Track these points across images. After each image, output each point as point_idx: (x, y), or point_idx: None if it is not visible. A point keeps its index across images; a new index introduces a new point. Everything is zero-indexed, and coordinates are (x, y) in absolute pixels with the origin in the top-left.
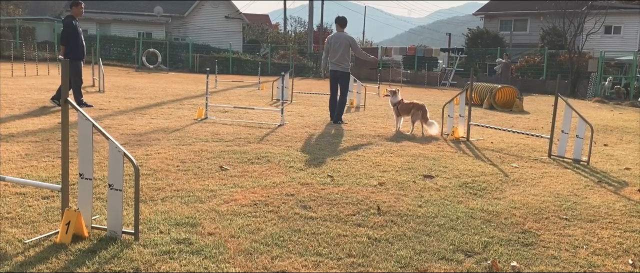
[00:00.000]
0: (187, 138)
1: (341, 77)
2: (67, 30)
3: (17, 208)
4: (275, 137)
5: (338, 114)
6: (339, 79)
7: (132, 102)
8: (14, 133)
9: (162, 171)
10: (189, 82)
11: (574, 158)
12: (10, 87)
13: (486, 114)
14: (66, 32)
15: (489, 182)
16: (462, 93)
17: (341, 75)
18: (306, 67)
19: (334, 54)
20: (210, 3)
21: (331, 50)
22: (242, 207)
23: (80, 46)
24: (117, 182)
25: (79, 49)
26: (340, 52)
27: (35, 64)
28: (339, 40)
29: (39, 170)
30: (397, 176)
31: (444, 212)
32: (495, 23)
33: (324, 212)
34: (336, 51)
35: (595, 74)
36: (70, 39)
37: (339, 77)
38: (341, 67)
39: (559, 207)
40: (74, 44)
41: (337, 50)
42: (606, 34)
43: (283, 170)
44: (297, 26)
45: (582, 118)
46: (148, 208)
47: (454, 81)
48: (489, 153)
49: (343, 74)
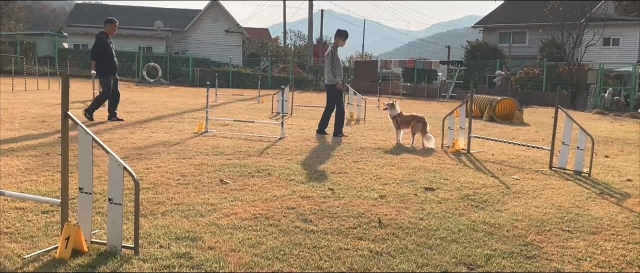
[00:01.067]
0: (187, 152)
1: (329, 89)
2: (98, 46)
3: (17, 223)
4: (276, 150)
5: (336, 127)
6: (329, 91)
7: (133, 115)
8: (14, 147)
9: (162, 185)
10: (189, 95)
11: (575, 169)
12: (11, 101)
13: (486, 126)
14: (97, 48)
15: (490, 194)
16: (462, 105)
17: (329, 87)
18: (306, 80)
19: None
20: (210, 17)
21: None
22: (243, 220)
23: (111, 62)
24: (117, 196)
25: (111, 64)
26: (326, 65)
27: (36, 78)
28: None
29: (38, 185)
30: (398, 189)
31: (445, 224)
32: (494, 35)
33: (325, 226)
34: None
35: (595, 85)
36: (100, 54)
37: (328, 89)
38: (328, 80)
39: (561, 219)
40: (106, 59)
41: (325, 63)
42: (605, 45)
43: (283, 183)
44: (296, 40)
45: (582, 129)
46: (148, 223)
47: (454, 93)
48: (490, 165)
49: (328, 86)
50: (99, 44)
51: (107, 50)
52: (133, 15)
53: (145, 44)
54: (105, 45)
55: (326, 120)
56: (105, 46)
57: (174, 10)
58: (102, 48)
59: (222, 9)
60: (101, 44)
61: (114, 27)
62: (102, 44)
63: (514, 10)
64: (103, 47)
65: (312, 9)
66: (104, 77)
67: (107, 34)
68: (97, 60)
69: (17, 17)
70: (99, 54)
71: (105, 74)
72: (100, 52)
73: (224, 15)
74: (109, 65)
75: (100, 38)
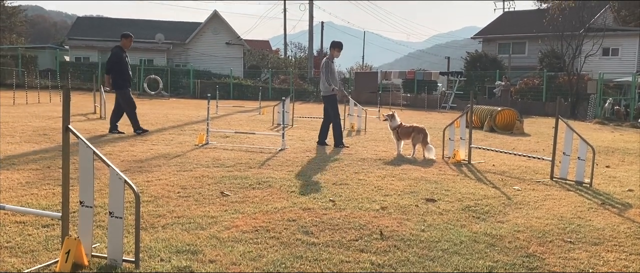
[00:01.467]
0: (188, 164)
1: (324, 100)
2: (113, 60)
3: (17, 237)
4: (277, 162)
5: (335, 138)
6: (325, 103)
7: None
8: (15, 161)
9: (163, 198)
10: (190, 107)
11: (576, 180)
12: (12, 115)
13: (487, 137)
14: (112, 62)
15: (491, 205)
16: (462, 116)
17: (324, 98)
18: (306, 92)
19: (320, 79)
20: (211, 30)
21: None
22: (244, 233)
23: (126, 75)
24: (117, 209)
25: (127, 78)
26: (322, 76)
27: (37, 91)
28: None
29: (39, 198)
30: (399, 200)
31: (447, 236)
32: (494, 46)
33: (326, 238)
34: (320, 76)
35: (595, 95)
36: (114, 67)
37: (323, 100)
38: (324, 91)
39: (563, 229)
40: (123, 73)
41: (320, 75)
42: (604, 55)
43: (284, 195)
44: (297, 51)
45: (583, 140)
46: (149, 236)
47: (454, 104)
48: (491, 176)
49: (325, 97)
50: (116, 58)
51: (124, 64)
52: (134, 28)
53: (147, 57)
54: (122, 59)
55: (325, 131)
56: (121, 60)
57: (175, 23)
58: (119, 61)
59: (223, 21)
60: (117, 57)
61: (129, 41)
62: (118, 57)
63: (513, 21)
64: (120, 61)
65: (312, 21)
66: (122, 91)
67: (122, 48)
68: (113, 74)
69: (18, 31)
70: (115, 68)
71: (122, 88)
72: (117, 66)
73: (224, 28)
74: (125, 78)
75: (116, 52)
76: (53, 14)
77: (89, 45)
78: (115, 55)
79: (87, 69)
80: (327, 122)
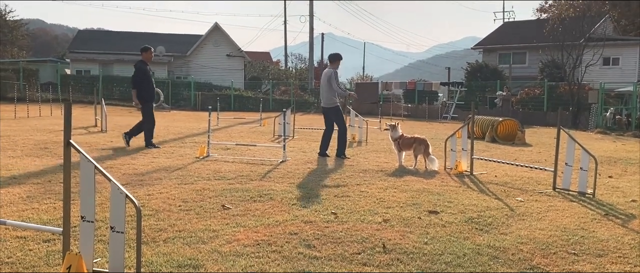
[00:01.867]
0: (189, 177)
1: (330, 112)
2: (140, 74)
3: (18, 253)
4: (278, 174)
5: (339, 148)
6: (329, 114)
7: (134, 141)
8: (15, 175)
9: (164, 211)
10: (191, 120)
11: (579, 190)
12: (13, 128)
13: (488, 147)
14: (139, 76)
15: (494, 216)
16: (464, 126)
17: (329, 110)
18: (307, 103)
19: (322, 90)
20: (212, 42)
21: (321, 87)
22: (245, 247)
23: (151, 89)
24: (119, 224)
25: (151, 92)
26: (324, 88)
27: (38, 105)
28: (323, 76)
29: (40, 213)
30: (401, 212)
31: (450, 248)
32: (494, 56)
33: (328, 251)
34: (322, 87)
35: (596, 105)
36: (142, 82)
37: (328, 112)
38: (327, 102)
39: (566, 241)
40: (147, 87)
41: (322, 86)
42: (605, 65)
43: (286, 207)
44: (297, 63)
45: (585, 150)
46: (150, 250)
47: (455, 114)
48: (493, 187)
49: (330, 109)
50: (141, 72)
51: (148, 78)
52: (136, 41)
53: None
54: (146, 72)
55: (327, 142)
56: (146, 74)
57: (175, 35)
58: (143, 76)
59: (224, 33)
60: (142, 71)
61: (150, 54)
62: (143, 71)
63: (513, 32)
64: (144, 75)
65: (312, 32)
66: (146, 104)
67: (145, 62)
68: (138, 88)
69: (20, 45)
70: (142, 82)
71: (147, 101)
72: (143, 81)
73: (225, 40)
74: (150, 92)
75: (140, 66)
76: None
77: (90, 58)
78: (141, 70)
79: (88, 82)
80: (328, 133)
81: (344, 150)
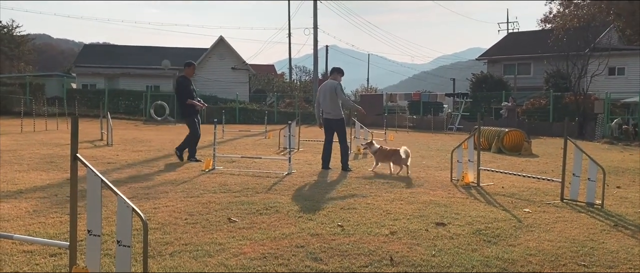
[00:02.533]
0: (194, 190)
1: (334, 124)
2: (187, 89)
3: (25, 267)
4: (284, 186)
5: (343, 162)
6: (333, 126)
7: (140, 154)
8: (22, 189)
9: (170, 225)
10: None
11: (587, 201)
12: (20, 142)
13: (495, 158)
14: (188, 90)
15: (502, 228)
16: (470, 137)
17: (334, 122)
18: (312, 115)
19: (324, 102)
20: (217, 55)
21: (321, 98)
22: (252, 260)
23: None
24: (125, 238)
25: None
26: (327, 100)
27: (45, 119)
28: (325, 88)
29: (46, 227)
30: (408, 224)
31: (458, 261)
32: (499, 67)
33: (335, 264)
34: (325, 99)
35: (602, 115)
36: (189, 96)
37: (332, 124)
38: (332, 114)
39: (576, 253)
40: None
41: (325, 97)
42: (610, 75)
43: (292, 220)
44: (302, 75)
45: (592, 160)
46: (156, 264)
47: (461, 125)
48: (501, 198)
49: (336, 121)
50: (185, 86)
51: (191, 92)
52: (141, 55)
53: (153, 83)
54: (189, 86)
55: (329, 155)
56: (189, 88)
57: (181, 49)
58: (188, 90)
59: (229, 47)
60: (186, 85)
61: (192, 69)
62: (186, 85)
63: (518, 42)
64: (188, 89)
65: (317, 45)
66: (190, 118)
67: (187, 78)
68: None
69: (26, 59)
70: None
71: (190, 115)
72: (191, 94)
73: (230, 53)
74: (192, 106)
75: (183, 81)
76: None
77: (96, 72)
78: (184, 85)
79: (93, 96)
80: (329, 145)
81: (347, 163)
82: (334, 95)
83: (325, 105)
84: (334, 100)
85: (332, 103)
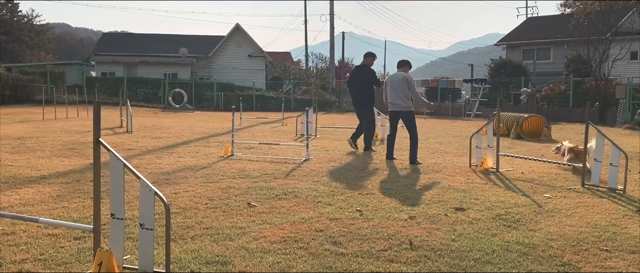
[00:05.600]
0: (214, 176)
1: (402, 116)
2: (375, 79)
3: (50, 250)
4: (302, 172)
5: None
6: (401, 118)
7: (160, 141)
8: (45, 175)
9: (191, 209)
10: (215, 120)
11: (609, 187)
12: (42, 130)
13: (514, 144)
14: (376, 79)
15: (522, 213)
16: (489, 123)
17: (405, 114)
18: (329, 102)
19: (392, 93)
20: (234, 43)
21: (389, 89)
22: (272, 243)
23: (371, 94)
24: (148, 221)
25: (370, 97)
26: (397, 91)
27: (65, 107)
28: (394, 79)
29: (70, 211)
30: (427, 209)
31: (478, 245)
32: (518, 52)
33: (354, 248)
34: (393, 90)
35: (624, 100)
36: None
37: (401, 116)
38: (400, 105)
39: (597, 237)
40: (372, 92)
41: (393, 89)
42: (632, 59)
43: (311, 205)
44: (318, 62)
45: (615, 145)
46: (178, 247)
47: (479, 112)
48: (520, 183)
49: (405, 113)
50: (376, 76)
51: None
52: (159, 43)
53: (171, 71)
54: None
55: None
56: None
57: (198, 37)
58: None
59: (245, 34)
60: (375, 75)
61: (372, 59)
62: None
63: (537, 27)
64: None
65: (333, 32)
66: (367, 110)
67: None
68: (365, 91)
69: (46, 48)
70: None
71: (368, 107)
72: (378, 84)
73: (247, 41)
74: (369, 98)
75: (372, 71)
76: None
77: (115, 60)
78: (375, 75)
79: (112, 83)
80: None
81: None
82: (405, 87)
83: (394, 96)
84: (404, 91)
85: (400, 95)
